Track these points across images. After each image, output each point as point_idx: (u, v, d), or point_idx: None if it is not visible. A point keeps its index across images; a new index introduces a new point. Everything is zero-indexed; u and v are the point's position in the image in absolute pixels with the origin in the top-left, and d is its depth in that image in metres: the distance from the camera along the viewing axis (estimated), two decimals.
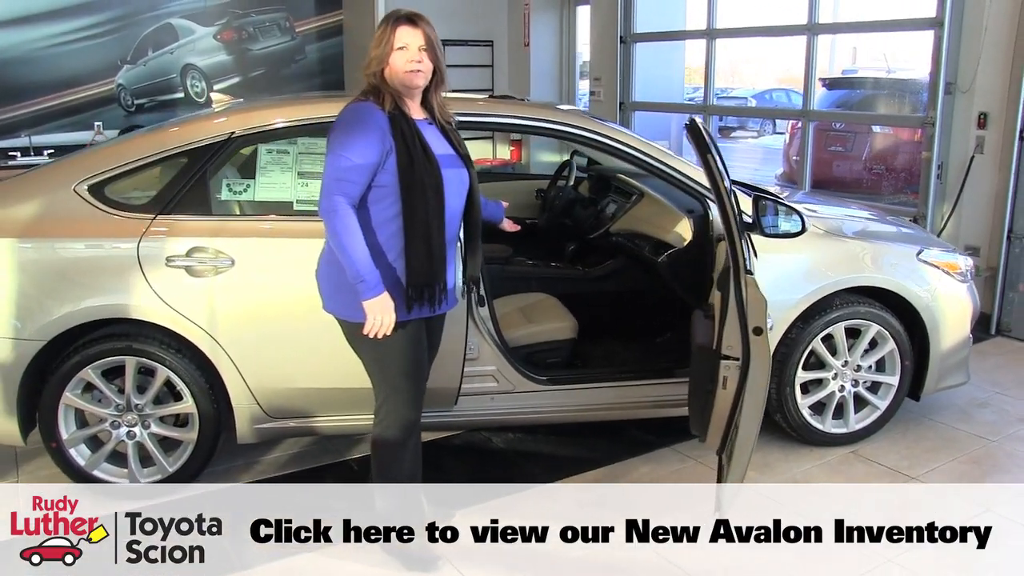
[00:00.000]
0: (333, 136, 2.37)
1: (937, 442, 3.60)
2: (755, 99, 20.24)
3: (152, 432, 3.06)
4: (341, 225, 2.28)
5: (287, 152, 3.11)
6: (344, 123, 2.38)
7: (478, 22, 8.82)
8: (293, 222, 3.01)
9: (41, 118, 7.11)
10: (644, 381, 3.37)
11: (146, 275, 2.91)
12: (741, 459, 2.37)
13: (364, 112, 2.38)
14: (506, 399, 3.24)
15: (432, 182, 2.38)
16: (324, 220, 2.31)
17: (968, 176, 5.00)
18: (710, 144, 2.30)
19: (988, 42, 4.78)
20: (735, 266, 2.35)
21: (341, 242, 2.29)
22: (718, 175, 2.30)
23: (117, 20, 7.32)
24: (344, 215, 2.29)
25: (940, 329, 3.49)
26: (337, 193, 2.30)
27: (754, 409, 2.35)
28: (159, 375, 3.00)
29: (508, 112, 3.31)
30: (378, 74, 2.42)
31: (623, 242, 3.83)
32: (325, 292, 2.51)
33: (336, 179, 2.31)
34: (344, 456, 3.47)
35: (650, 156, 3.25)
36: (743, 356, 2.35)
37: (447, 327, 2.76)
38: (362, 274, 2.29)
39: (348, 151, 2.32)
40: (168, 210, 2.97)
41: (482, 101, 3.66)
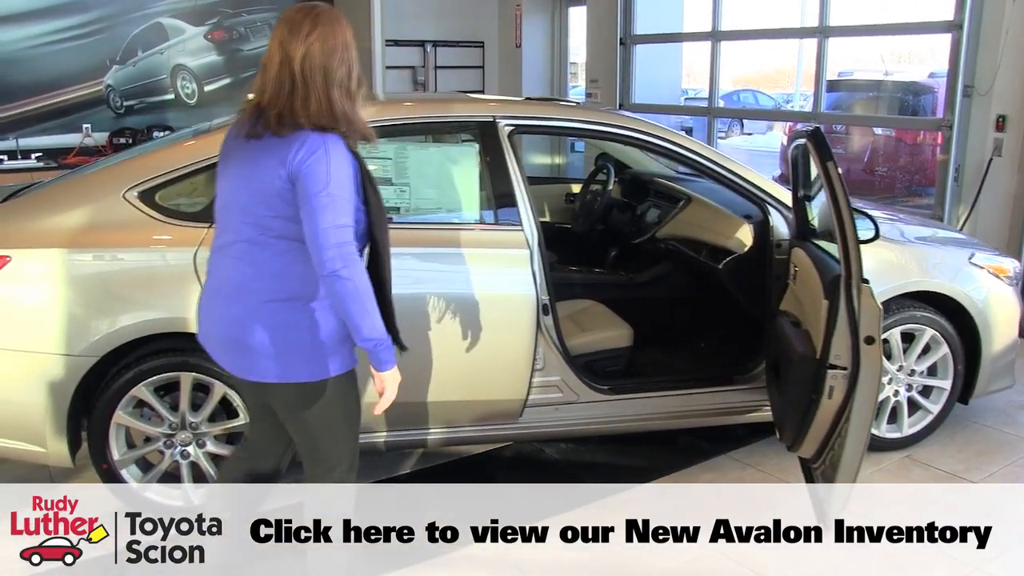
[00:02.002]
0: (322, 173, 1.91)
1: (988, 445, 3.62)
2: (723, 100, 20.47)
3: (207, 451, 2.93)
4: (364, 280, 1.94)
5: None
6: (331, 159, 1.94)
7: (468, 23, 8.78)
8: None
9: (28, 120, 6.89)
10: (704, 389, 3.32)
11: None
12: (848, 468, 2.34)
13: (341, 145, 1.98)
14: (570, 409, 3.16)
15: (385, 224, 2.12)
16: (340, 275, 1.91)
17: (986, 178, 5.06)
18: (832, 153, 2.26)
19: (1008, 45, 4.83)
20: (847, 275, 2.31)
21: (363, 303, 1.93)
22: (838, 183, 2.26)
23: (105, 19, 7.12)
24: (363, 268, 1.96)
25: (991, 332, 3.51)
26: (350, 240, 1.93)
27: (863, 420, 2.31)
28: (215, 391, 2.88)
29: (577, 116, 3.27)
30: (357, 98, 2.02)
31: (674, 247, 3.78)
32: (282, 354, 2.03)
33: (345, 225, 1.92)
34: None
35: (713, 161, 3.21)
36: (852, 366, 2.31)
37: (511, 337, 2.69)
38: (383, 336, 1.97)
39: (343, 190, 1.94)
40: None
41: (549, 106, 3.60)
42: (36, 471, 3.18)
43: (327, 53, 1.96)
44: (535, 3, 8.58)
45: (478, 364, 2.90)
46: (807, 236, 3.05)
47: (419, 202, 2.60)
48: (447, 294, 2.82)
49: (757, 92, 20.61)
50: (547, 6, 8.67)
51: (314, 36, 1.96)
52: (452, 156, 2.78)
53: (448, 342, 2.85)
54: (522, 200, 2.96)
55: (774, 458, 3.43)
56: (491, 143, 2.98)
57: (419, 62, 8.47)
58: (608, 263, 4.20)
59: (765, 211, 3.28)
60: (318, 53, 1.95)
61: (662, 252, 3.92)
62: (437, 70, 8.57)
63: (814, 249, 2.89)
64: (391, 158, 2.52)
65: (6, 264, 2.73)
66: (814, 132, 2.37)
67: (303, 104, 1.94)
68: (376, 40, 7.33)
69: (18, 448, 2.88)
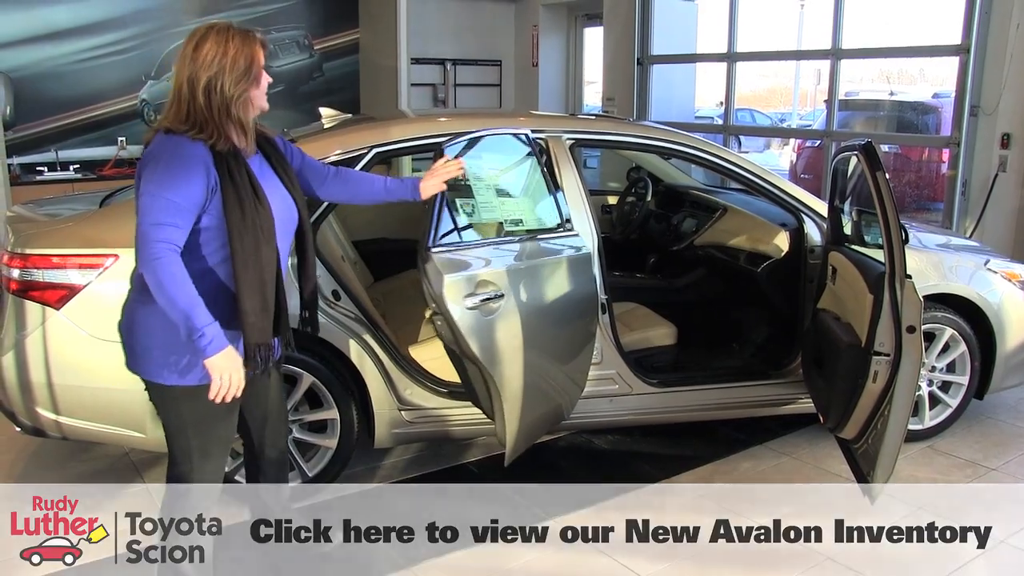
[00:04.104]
0: (147, 174, 2.05)
1: (1003, 437, 3.91)
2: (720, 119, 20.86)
3: (293, 438, 3.17)
4: (167, 275, 1.99)
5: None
6: (159, 158, 2.06)
7: (487, 43, 9.07)
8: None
9: (67, 133, 7.10)
10: (745, 383, 3.60)
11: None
12: (892, 446, 2.61)
13: (184, 145, 2.08)
14: (624, 401, 3.43)
15: (264, 224, 2.14)
16: (144, 272, 2.02)
17: (992, 193, 5.38)
18: (882, 164, 2.56)
19: (1012, 67, 5.17)
20: (891, 271, 2.59)
21: (170, 295, 1.99)
22: (886, 192, 2.54)
23: (141, 36, 7.35)
24: (169, 263, 2.00)
25: (1005, 333, 3.79)
26: (158, 240, 2.00)
27: (905, 400, 2.59)
28: (303, 382, 3.11)
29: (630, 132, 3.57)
30: (232, 100, 2.10)
31: (712, 254, 4.06)
32: (139, 350, 2.17)
33: (154, 224, 2.00)
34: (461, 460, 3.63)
35: (755, 174, 3.51)
36: (895, 352, 2.59)
37: (582, 334, 2.88)
38: (199, 327, 2.00)
39: (168, 191, 2.02)
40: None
41: (605, 121, 3.87)
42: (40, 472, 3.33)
43: (196, 66, 2.10)
44: (551, 23, 8.90)
45: (566, 359, 3.09)
46: (841, 241, 3.34)
47: (505, 213, 2.82)
48: (534, 298, 2.90)
49: (754, 111, 21.05)
50: (563, 26, 8.99)
51: (188, 54, 2.11)
52: (525, 169, 3.04)
53: (542, 343, 2.95)
54: (585, 207, 3.24)
55: (806, 447, 3.71)
56: (558, 156, 3.26)
57: (439, 80, 8.76)
58: (647, 269, 4.48)
59: (800, 219, 3.57)
60: (185, 67, 2.11)
61: (698, 258, 4.20)
62: (456, 88, 8.87)
63: (851, 252, 3.18)
64: (476, 172, 2.76)
65: (115, 262, 2.96)
66: (866, 146, 2.65)
67: (164, 112, 2.15)
68: (402, 58, 7.63)
69: (119, 434, 3.09)
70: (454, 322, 2.61)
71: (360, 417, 3.20)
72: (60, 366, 2.92)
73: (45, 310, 2.88)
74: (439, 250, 2.65)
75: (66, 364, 2.92)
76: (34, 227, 3.11)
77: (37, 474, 3.35)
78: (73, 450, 3.59)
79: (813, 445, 3.72)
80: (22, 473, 3.39)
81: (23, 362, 2.93)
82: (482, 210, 2.75)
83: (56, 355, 2.91)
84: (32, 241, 2.94)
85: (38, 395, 2.95)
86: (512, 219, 2.82)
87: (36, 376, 2.94)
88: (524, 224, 2.85)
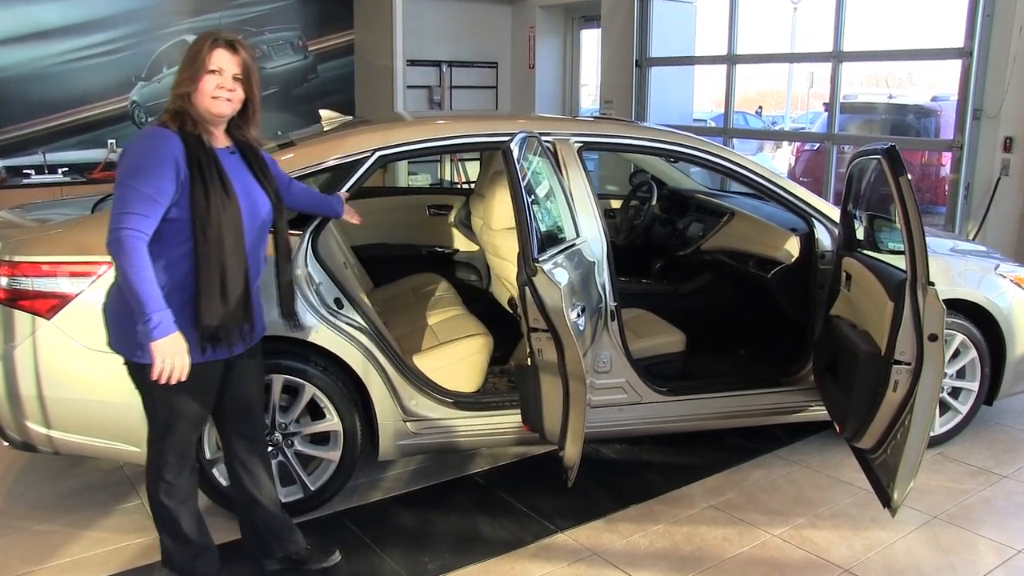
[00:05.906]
0: (122, 164, 2.19)
1: (1013, 443, 3.86)
2: (714, 121, 20.88)
3: (296, 451, 3.08)
4: (127, 260, 2.10)
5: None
6: (134, 151, 2.21)
7: (483, 44, 8.99)
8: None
9: (55, 135, 6.96)
10: (755, 391, 3.52)
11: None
12: (913, 457, 2.54)
13: (157, 138, 2.21)
14: (633, 410, 3.35)
15: (229, 218, 2.23)
16: (111, 255, 2.14)
17: (994, 197, 5.34)
18: (905, 169, 2.48)
19: (1015, 71, 5.13)
20: (913, 277, 2.53)
21: (127, 278, 2.11)
22: (909, 196, 2.47)
23: (131, 37, 7.22)
24: (130, 249, 2.10)
25: (1015, 338, 3.74)
26: (123, 226, 2.11)
27: (926, 411, 2.52)
28: (305, 393, 3.02)
29: (639, 135, 3.49)
30: (186, 96, 2.25)
31: (721, 259, 3.99)
32: (113, 330, 2.34)
33: (123, 212, 2.12)
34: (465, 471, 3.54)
35: (766, 178, 3.44)
36: (916, 361, 2.52)
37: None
38: (148, 312, 2.11)
39: (138, 181, 2.14)
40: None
41: (613, 124, 3.77)
42: (111, 474, 3.32)
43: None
44: (548, 25, 8.83)
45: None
46: (854, 247, 3.28)
47: (552, 220, 2.77)
48: (589, 308, 2.86)
49: (746, 114, 21.05)
50: (560, 28, 8.92)
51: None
52: (551, 174, 2.98)
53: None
54: (594, 213, 3.16)
55: (817, 456, 3.65)
56: (566, 159, 3.18)
57: (435, 82, 8.68)
58: (653, 275, 4.41)
59: (811, 224, 3.50)
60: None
61: (705, 263, 4.13)
62: (452, 90, 8.78)
63: (866, 258, 3.11)
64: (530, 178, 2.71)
65: (108, 270, 2.82)
66: (889, 150, 2.58)
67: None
68: (397, 60, 7.54)
69: (113, 448, 2.98)
70: (569, 338, 2.51)
71: (364, 428, 3.10)
72: (52, 378, 2.81)
73: (35, 320, 2.77)
74: (544, 260, 2.58)
75: (58, 376, 2.81)
76: (22, 233, 2.99)
77: (28, 490, 3.27)
78: (64, 464, 3.48)
79: (824, 453, 3.66)
80: (11, 489, 3.30)
81: (12, 374, 2.82)
82: (543, 217, 2.70)
83: (47, 367, 2.80)
84: (20, 248, 2.82)
85: (28, 408, 2.85)
86: (558, 226, 2.77)
87: (26, 389, 2.83)
88: (564, 232, 2.80)
